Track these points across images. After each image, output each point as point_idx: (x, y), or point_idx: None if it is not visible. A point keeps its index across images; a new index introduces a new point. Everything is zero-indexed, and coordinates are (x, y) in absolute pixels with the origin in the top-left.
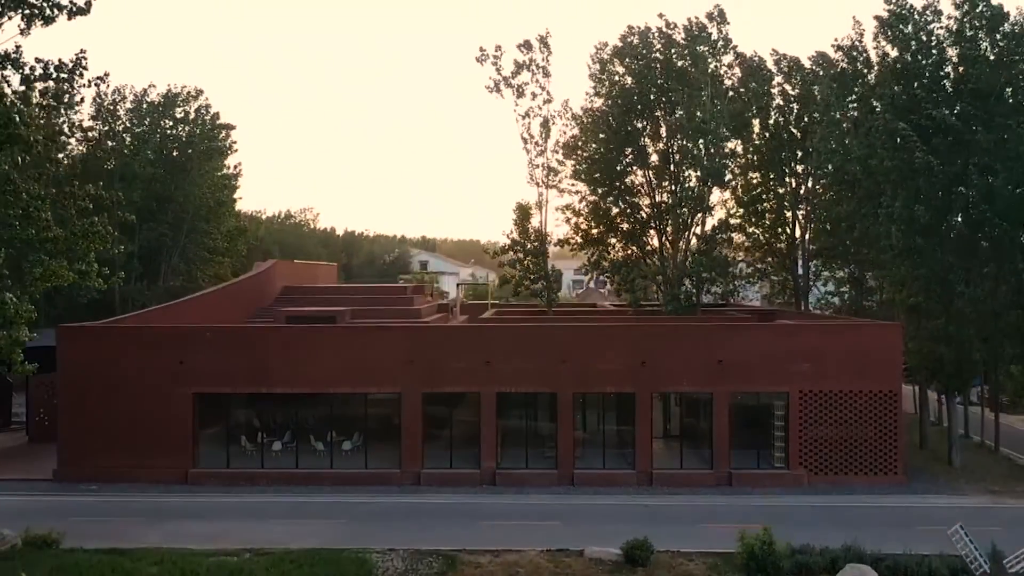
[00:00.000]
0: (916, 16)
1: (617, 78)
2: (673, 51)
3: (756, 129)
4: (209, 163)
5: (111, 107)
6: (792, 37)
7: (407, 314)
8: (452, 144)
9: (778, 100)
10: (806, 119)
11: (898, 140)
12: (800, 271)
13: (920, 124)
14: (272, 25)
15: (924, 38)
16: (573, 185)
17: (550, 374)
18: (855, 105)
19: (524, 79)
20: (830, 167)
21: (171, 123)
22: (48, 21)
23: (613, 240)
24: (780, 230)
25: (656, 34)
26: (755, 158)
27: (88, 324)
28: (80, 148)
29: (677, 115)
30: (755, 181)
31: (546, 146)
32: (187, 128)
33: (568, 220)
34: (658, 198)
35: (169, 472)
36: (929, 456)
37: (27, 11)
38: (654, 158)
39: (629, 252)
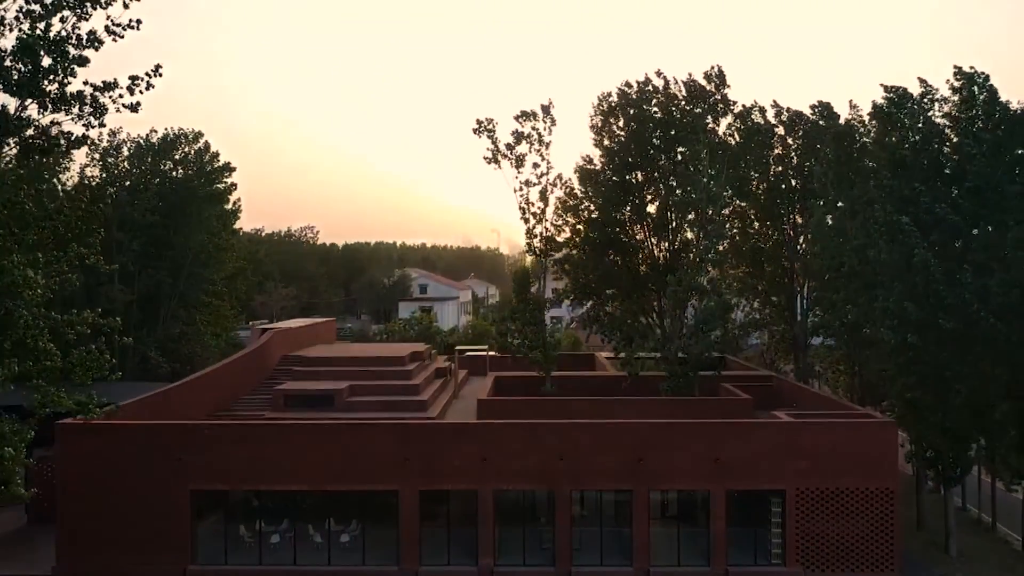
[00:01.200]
0: (914, 106)
1: (616, 131)
2: (674, 109)
3: (755, 175)
4: (209, 208)
5: (110, 152)
6: (794, 95)
7: (405, 390)
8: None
9: (778, 150)
10: (806, 167)
11: (897, 234)
12: (799, 317)
13: (919, 217)
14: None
15: (922, 129)
16: (572, 239)
17: (547, 471)
18: (852, 191)
19: (523, 150)
20: (826, 254)
21: (170, 165)
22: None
23: (611, 292)
24: (778, 280)
25: (653, 91)
26: (753, 211)
27: (88, 422)
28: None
29: (673, 181)
30: (754, 226)
31: (544, 214)
32: (187, 170)
33: (566, 270)
34: (656, 251)
35: (168, 569)
36: (926, 540)
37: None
38: (653, 207)
39: (627, 308)
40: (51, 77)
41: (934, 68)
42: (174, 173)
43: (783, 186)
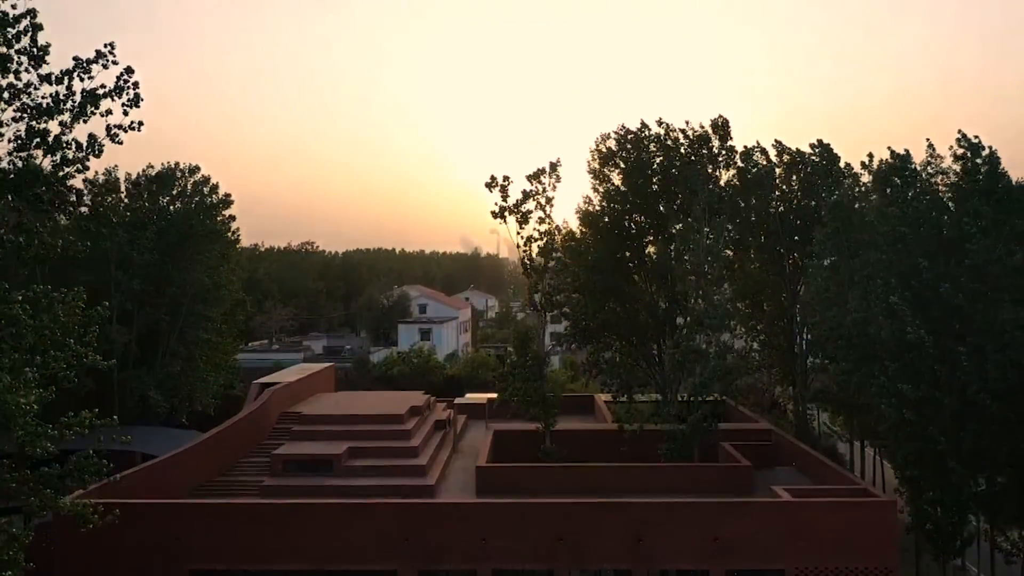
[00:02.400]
0: (913, 176)
1: (614, 178)
2: (674, 156)
3: (755, 217)
4: (208, 246)
5: (108, 188)
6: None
7: (403, 452)
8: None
9: (778, 191)
10: (808, 205)
11: (894, 311)
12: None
13: (919, 293)
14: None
15: (924, 204)
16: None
17: (546, 551)
18: (852, 261)
19: (529, 207)
20: (824, 323)
21: (168, 200)
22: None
23: (610, 338)
24: (777, 322)
25: (652, 138)
26: (752, 251)
27: (86, 501)
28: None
29: (673, 229)
30: (754, 264)
31: (547, 269)
32: (185, 205)
33: (565, 313)
34: (656, 298)
35: None
36: None
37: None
38: (652, 249)
39: (627, 354)
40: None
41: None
42: (173, 207)
43: (783, 226)
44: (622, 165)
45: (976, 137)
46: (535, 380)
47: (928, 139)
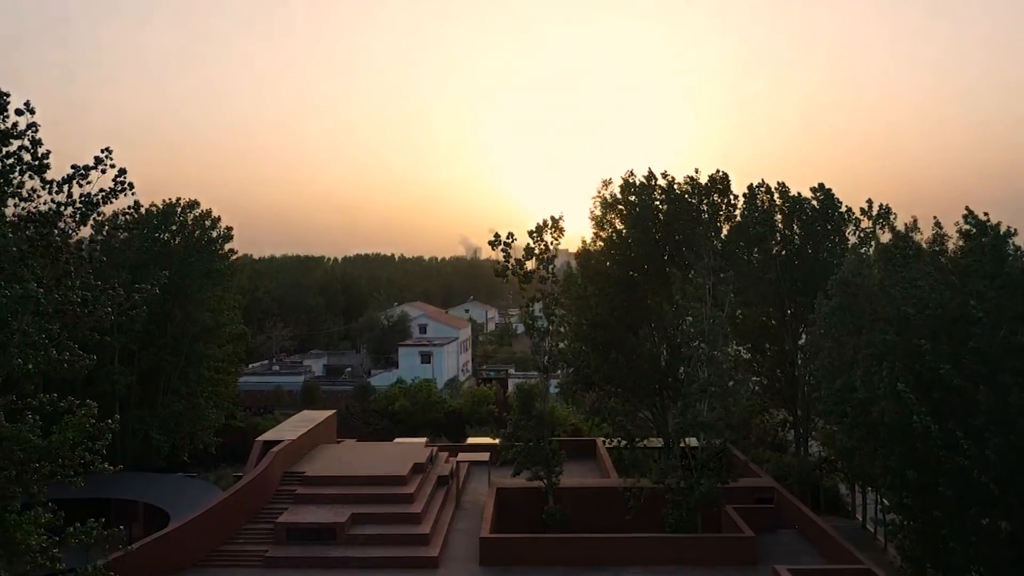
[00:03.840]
0: (921, 259)
1: (616, 225)
2: (680, 217)
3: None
4: (210, 286)
5: (109, 230)
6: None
7: (406, 518)
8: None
9: (779, 234)
10: (809, 251)
11: (900, 396)
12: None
13: (922, 375)
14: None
15: (930, 287)
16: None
17: None
18: (856, 339)
19: (532, 266)
20: (828, 399)
21: (168, 236)
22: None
23: (613, 387)
24: (780, 371)
25: (654, 187)
26: (754, 297)
27: None
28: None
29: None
30: (756, 310)
31: (548, 331)
32: (186, 243)
33: (568, 361)
34: (658, 351)
35: None
36: None
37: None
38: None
39: (629, 403)
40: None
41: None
42: (174, 242)
43: (784, 272)
44: (625, 212)
45: (986, 215)
46: (538, 441)
47: (936, 217)
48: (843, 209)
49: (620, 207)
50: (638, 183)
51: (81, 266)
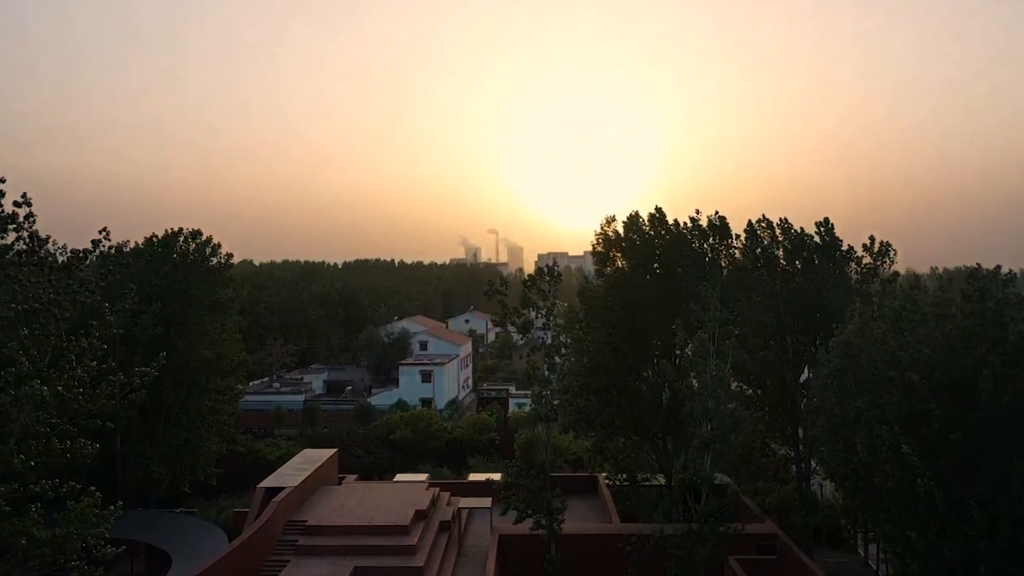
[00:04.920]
0: (926, 323)
1: (619, 264)
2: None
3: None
4: (212, 318)
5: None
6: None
7: (409, 574)
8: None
9: (783, 265)
10: (811, 287)
11: (904, 460)
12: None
13: (928, 440)
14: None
15: (935, 350)
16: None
17: None
18: (857, 401)
19: (530, 316)
20: (830, 459)
21: (169, 267)
22: None
23: (615, 427)
24: (781, 407)
25: (657, 230)
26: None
27: None
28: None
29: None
30: (756, 347)
31: (550, 380)
32: (187, 273)
33: (567, 401)
34: (660, 394)
35: None
36: None
37: None
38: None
39: (631, 443)
40: None
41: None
42: (176, 275)
43: (786, 310)
44: (627, 250)
45: (998, 267)
46: (540, 491)
47: (941, 273)
48: (844, 248)
49: (623, 243)
50: (642, 220)
51: (82, 352)
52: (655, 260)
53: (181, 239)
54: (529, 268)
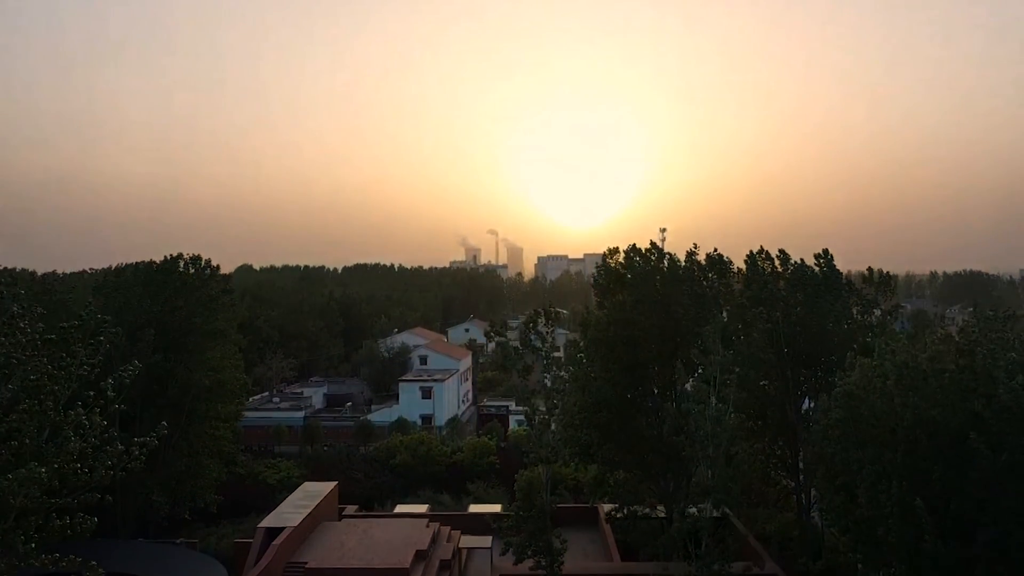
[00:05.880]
0: (928, 382)
1: (620, 298)
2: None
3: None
4: (211, 346)
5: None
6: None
7: None
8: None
9: (784, 296)
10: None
11: (909, 515)
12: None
13: (931, 500)
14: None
15: (938, 408)
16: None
17: None
18: (859, 454)
19: (529, 359)
20: (831, 516)
21: (168, 295)
22: None
23: (615, 461)
24: (781, 439)
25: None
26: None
27: None
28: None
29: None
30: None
31: (550, 425)
32: (187, 298)
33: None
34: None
35: None
36: None
37: None
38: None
39: (631, 476)
40: None
41: None
42: (175, 301)
43: (787, 344)
44: (628, 284)
45: (996, 311)
46: (541, 532)
47: (944, 326)
48: (844, 281)
49: (625, 278)
50: (640, 255)
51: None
52: (655, 297)
53: (181, 264)
54: (529, 270)
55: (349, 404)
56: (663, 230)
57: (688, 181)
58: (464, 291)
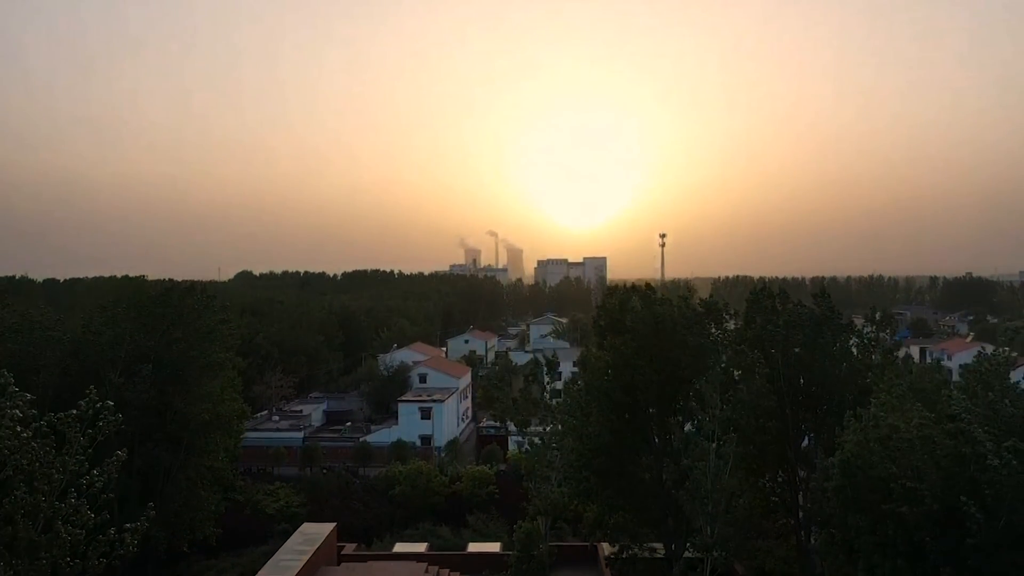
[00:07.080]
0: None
1: (619, 345)
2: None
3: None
4: (209, 379)
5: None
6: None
7: None
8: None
9: (783, 335)
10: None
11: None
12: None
13: (941, 552)
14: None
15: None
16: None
17: None
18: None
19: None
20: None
21: (167, 326)
22: None
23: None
24: (781, 475)
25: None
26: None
27: None
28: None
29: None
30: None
31: (548, 478)
32: (185, 329)
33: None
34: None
35: None
36: None
37: None
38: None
39: (630, 519)
40: None
41: None
42: (172, 333)
43: (786, 385)
44: (626, 328)
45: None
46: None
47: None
48: (844, 321)
49: (623, 323)
50: (636, 302)
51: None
52: (653, 345)
53: (177, 296)
54: (529, 273)
55: (349, 424)
56: (663, 235)
57: (686, 182)
58: (464, 300)
